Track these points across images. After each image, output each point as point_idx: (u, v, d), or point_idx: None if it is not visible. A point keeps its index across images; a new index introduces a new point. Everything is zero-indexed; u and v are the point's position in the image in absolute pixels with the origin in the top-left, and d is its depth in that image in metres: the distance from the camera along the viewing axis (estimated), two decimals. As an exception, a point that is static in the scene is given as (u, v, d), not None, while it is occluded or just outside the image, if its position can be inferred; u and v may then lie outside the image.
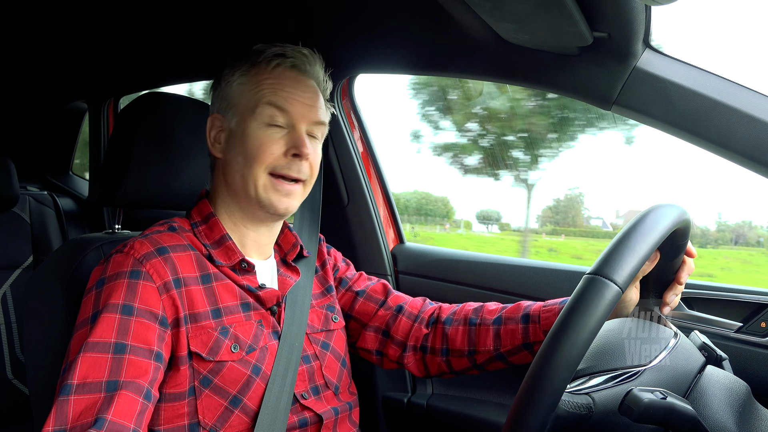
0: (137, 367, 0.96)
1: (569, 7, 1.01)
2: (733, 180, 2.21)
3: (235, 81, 1.18)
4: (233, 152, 1.15)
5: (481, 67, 1.41)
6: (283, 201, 1.15)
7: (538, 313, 1.24)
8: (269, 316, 1.17)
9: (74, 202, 2.71)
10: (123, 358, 0.96)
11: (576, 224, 3.21)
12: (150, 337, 1.00)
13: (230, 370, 1.07)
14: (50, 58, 2.33)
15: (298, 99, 1.16)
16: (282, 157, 1.14)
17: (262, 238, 1.23)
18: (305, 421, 1.16)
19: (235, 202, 1.19)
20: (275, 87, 1.15)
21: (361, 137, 1.86)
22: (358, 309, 1.38)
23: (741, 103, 1.10)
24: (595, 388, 0.87)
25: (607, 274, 0.77)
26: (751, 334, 1.26)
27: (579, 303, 0.76)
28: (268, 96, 1.14)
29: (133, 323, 0.99)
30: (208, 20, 1.75)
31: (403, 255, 1.84)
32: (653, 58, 1.19)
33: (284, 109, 1.14)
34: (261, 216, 1.19)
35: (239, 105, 1.16)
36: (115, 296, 1.01)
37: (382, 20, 1.49)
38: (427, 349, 1.34)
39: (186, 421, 1.05)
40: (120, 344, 0.97)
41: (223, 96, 1.19)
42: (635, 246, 0.80)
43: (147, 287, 1.03)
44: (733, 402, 0.88)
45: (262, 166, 1.13)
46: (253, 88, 1.15)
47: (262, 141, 1.13)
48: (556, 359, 0.73)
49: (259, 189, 1.13)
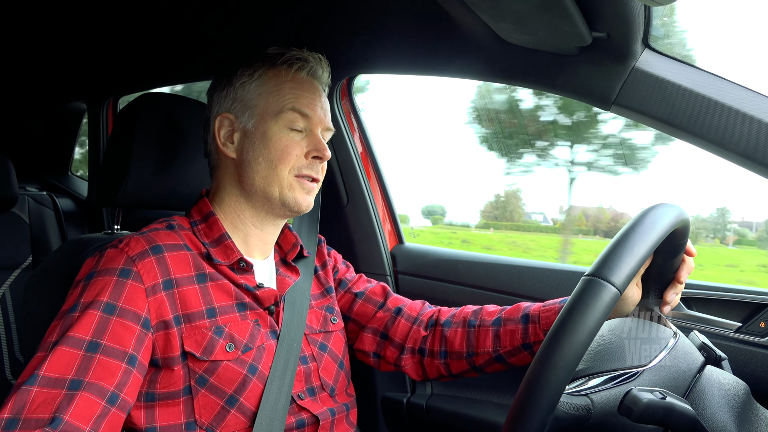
0: (105, 368, 0.96)
1: (568, 7, 1.01)
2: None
3: (253, 83, 1.20)
4: (253, 153, 1.18)
5: (480, 68, 1.42)
6: (306, 198, 1.20)
7: (537, 313, 1.24)
8: (267, 316, 1.18)
9: (73, 202, 2.71)
10: (93, 357, 0.96)
11: (514, 218, 3.35)
12: (127, 339, 1.00)
13: (226, 369, 1.07)
14: (49, 58, 2.33)
15: (317, 105, 1.21)
16: (303, 159, 1.18)
17: (267, 237, 1.25)
18: (302, 422, 1.16)
19: (247, 201, 1.21)
20: (297, 92, 1.19)
21: (361, 137, 1.86)
22: (357, 310, 1.38)
23: (740, 103, 1.10)
24: (594, 389, 0.87)
25: (605, 276, 0.77)
26: (750, 334, 1.26)
27: (577, 305, 0.76)
28: (292, 102, 1.18)
29: (112, 323, 0.99)
30: (207, 21, 1.75)
31: (403, 255, 1.84)
32: (652, 59, 1.19)
33: (306, 114, 1.19)
34: (280, 214, 1.21)
35: (258, 107, 1.18)
36: (102, 292, 1.01)
37: (382, 20, 1.49)
38: (425, 351, 1.34)
39: (182, 420, 1.05)
40: (94, 343, 0.97)
41: (236, 97, 1.20)
42: (633, 247, 0.80)
43: (135, 288, 1.03)
44: (732, 402, 0.88)
45: (288, 168, 1.17)
46: (274, 92, 1.18)
47: (286, 144, 1.17)
48: (554, 361, 0.73)
49: (284, 189, 1.17)
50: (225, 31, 1.77)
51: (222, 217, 1.21)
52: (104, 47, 2.12)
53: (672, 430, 0.80)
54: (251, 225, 1.22)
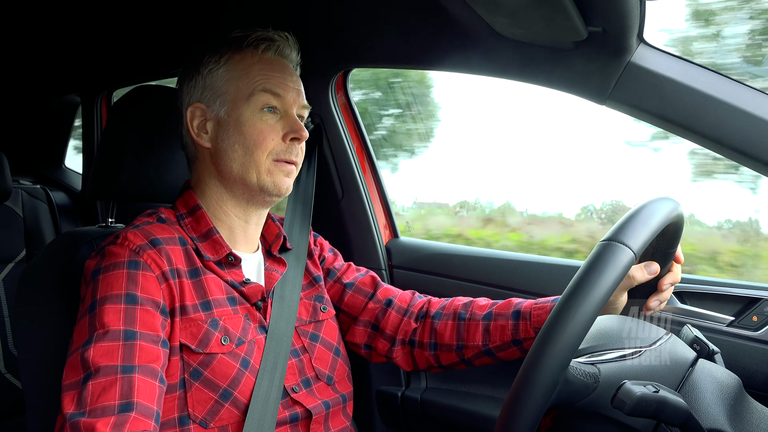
0: (149, 352, 0.97)
1: (564, 1, 1.01)
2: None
3: (220, 69, 1.17)
4: (228, 141, 1.15)
5: (476, 62, 1.41)
6: (285, 181, 1.17)
7: (529, 311, 1.24)
8: (255, 311, 1.17)
9: (67, 195, 2.70)
10: (134, 344, 0.96)
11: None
12: (156, 324, 1.01)
13: (220, 362, 1.07)
14: (43, 51, 2.32)
15: (289, 84, 1.18)
16: (281, 143, 1.15)
17: (250, 227, 1.23)
18: (296, 416, 1.16)
19: (227, 191, 1.19)
20: (267, 73, 1.16)
21: (356, 131, 1.86)
22: (347, 302, 1.38)
23: (734, 98, 1.10)
24: (602, 361, 0.89)
25: (622, 240, 0.81)
26: (743, 327, 1.27)
27: (595, 264, 0.79)
28: (262, 83, 1.15)
29: (138, 311, 1.00)
30: (202, 14, 1.74)
31: (398, 249, 1.84)
32: (647, 53, 1.19)
33: (279, 94, 1.16)
34: (261, 201, 1.19)
35: (228, 93, 1.16)
36: (116, 287, 1.01)
37: (377, 14, 1.49)
38: (415, 343, 1.34)
39: (176, 413, 1.04)
40: (130, 331, 0.97)
41: (206, 85, 1.18)
42: (648, 219, 0.85)
43: (147, 276, 1.04)
44: (724, 395, 0.88)
45: (265, 153, 1.14)
46: (243, 76, 1.15)
47: (261, 128, 1.14)
48: (572, 314, 0.76)
49: (262, 174, 1.15)
50: (219, 24, 1.76)
51: (206, 210, 1.19)
52: (99, 40, 2.11)
53: (665, 423, 0.80)
54: (234, 216, 1.20)
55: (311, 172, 1.60)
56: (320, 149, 1.77)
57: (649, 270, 1.10)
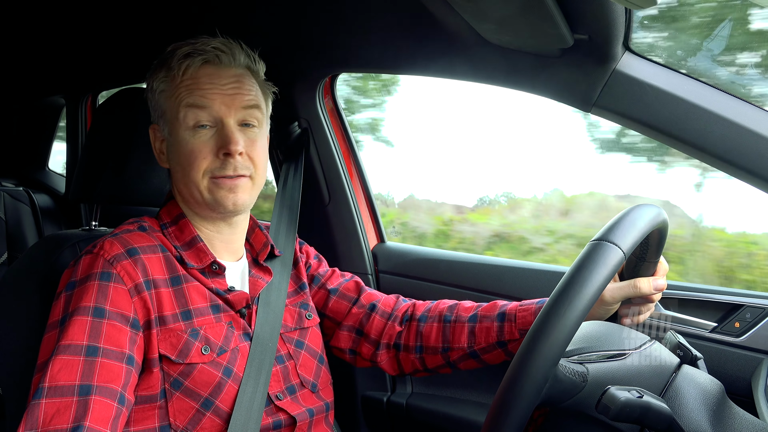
0: (110, 370, 0.95)
1: (550, 9, 1.02)
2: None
3: (158, 89, 1.15)
4: (172, 162, 1.15)
5: (463, 68, 1.42)
6: (229, 197, 1.11)
7: (514, 312, 1.25)
8: (239, 318, 1.16)
9: (50, 198, 2.68)
10: (95, 361, 0.95)
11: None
12: (122, 340, 0.99)
13: (201, 372, 1.06)
14: (28, 52, 2.30)
15: (218, 91, 1.11)
16: (215, 159, 1.10)
17: (228, 238, 1.21)
18: (279, 423, 1.15)
19: (189, 208, 1.18)
20: (191, 87, 1.11)
21: (343, 136, 1.86)
22: (332, 307, 1.37)
23: (717, 106, 1.12)
24: (590, 361, 0.90)
25: (612, 240, 0.82)
26: (725, 334, 1.28)
27: (586, 263, 0.80)
28: (185, 98, 1.10)
29: (104, 326, 0.98)
30: (188, 18, 1.74)
31: (384, 254, 1.84)
32: (632, 61, 1.21)
33: (204, 106, 1.10)
34: (215, 217, 1.17)
35: (167, 113, 1.14)
36: (86, 299, 0.99)
37: (365, 19, 1.49)
38: (400, 346, 1.34)
39: (157, 423, 1.03)
40: (92, 347, 0.96)
41: (154, 106, 1.17)
42: (636, 221, 0.87)
43: (118, 290, 1.02)
44: (707, 401, 0.89)
45: (200, 172, 1.10)
46: (172, 94, 1.12)
47: (191, 147, 1.10)
48: (562, 311, 0.77)
49: (204, 193, 1.12)
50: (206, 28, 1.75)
51: (189, 218, 1.18)
52: (84, 42, 2.10)
53: (649, 428, 0.81)
54: (205, 229, 1.19)
55: (298, 177, 1.59)
56: (307, 154, 1.76)
57: (656, 285, 1.11)
